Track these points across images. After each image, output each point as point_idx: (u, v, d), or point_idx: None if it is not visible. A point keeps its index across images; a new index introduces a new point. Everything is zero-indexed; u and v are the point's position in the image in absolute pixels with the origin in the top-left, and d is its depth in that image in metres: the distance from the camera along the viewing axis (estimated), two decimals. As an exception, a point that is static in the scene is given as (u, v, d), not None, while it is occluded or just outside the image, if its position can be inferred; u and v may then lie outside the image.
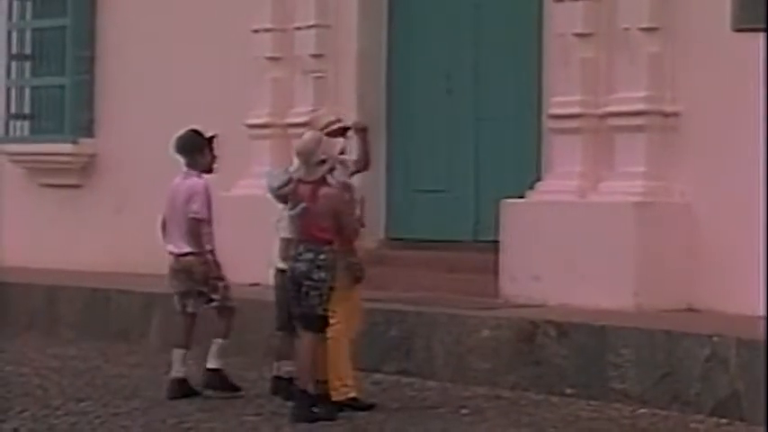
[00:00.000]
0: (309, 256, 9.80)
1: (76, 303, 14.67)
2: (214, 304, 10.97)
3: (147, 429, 9.43)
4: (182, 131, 11.57)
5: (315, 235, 9.85)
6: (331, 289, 9.88)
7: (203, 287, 10.96)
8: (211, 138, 11.30)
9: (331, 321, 9.92)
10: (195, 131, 11.45)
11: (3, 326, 14.78)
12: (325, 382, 9.87)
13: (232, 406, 10.30)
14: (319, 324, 9.84)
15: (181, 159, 11.25)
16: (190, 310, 11.02)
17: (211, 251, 10.99)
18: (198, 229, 10.87)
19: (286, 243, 10.12)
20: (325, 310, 9.86)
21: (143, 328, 13.77)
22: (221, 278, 11.01)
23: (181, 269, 10.99)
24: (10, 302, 15.28)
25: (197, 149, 11.15)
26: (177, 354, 10.91)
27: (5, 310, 15.17)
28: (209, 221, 10.95)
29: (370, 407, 9.93)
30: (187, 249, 10.94)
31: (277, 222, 10.21)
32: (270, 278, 10.76)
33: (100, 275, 15.30)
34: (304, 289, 9.80)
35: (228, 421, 9.76)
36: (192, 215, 10.87)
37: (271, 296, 10.85)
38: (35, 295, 15.13)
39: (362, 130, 10.63)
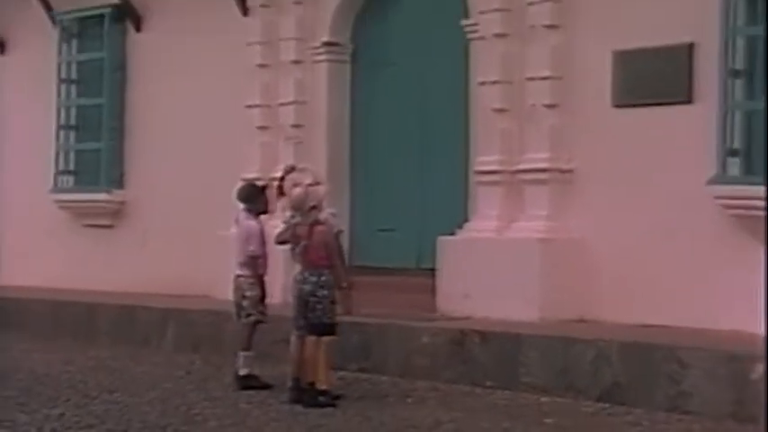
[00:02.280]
0: (313, 279, 9.90)
1: (110, 316, 14.66)
2: (251, 319, 10.95)
3: (163, 414, 9.40)
4: (240, 184, 11.74)
5: (316, 262, 9.95)
6: (332, 303, 9.95)
7: (244, 302, 10.99)
8: (264, 187, 11.42)
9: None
10: (251, 184, 11.69)
11: (53, 334, 14.80)
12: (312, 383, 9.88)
13: (230, 398, 10.28)
14: (326, 330, 9.89)
15: (240, 205, 11.29)
16: (243, 320, 11.05)
17: (262, 276, 11.02)
18: (254, 261, 10.95)
19: None
20: (330, 318, 9.92)
21: (161, 335, 13.76)
22: (261, 300, 11.01)
23: (236, 287, 11.05)
24: (59, 316, 15.30)
25: (252, 198, 11.22)
26: (242, 355, 10.88)
27: (56, 322, 15.19)
28: (263, 255, 10.99)
29: (337, 397, 9.89)
30: (239, 272, 11.02)
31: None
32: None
33: (128, 295, 15.21)
34: (311, 304, 9.87)
35: (227, 408, 9.75)
36: (249, 253, 10.95)
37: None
38: (78, 310, 15.11)
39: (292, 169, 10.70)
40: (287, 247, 10.34)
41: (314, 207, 10.09)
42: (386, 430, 8.90)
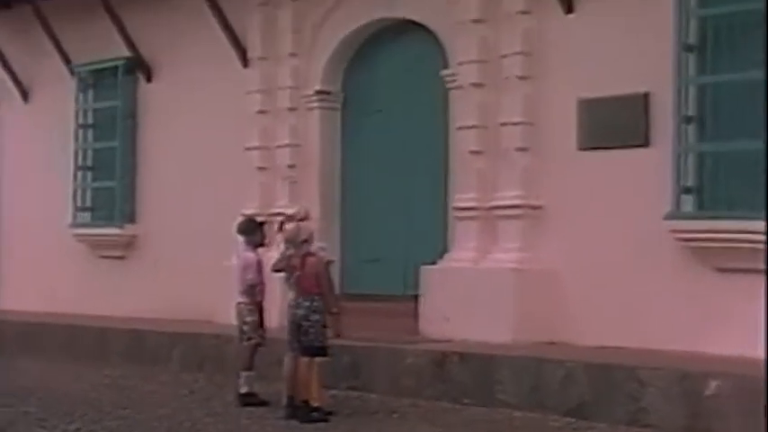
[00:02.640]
0: (306, 304, 9.90)
1: (122, 339, 14.58)
2: (251, 342, 10.92)
3: (170, 430, 9.37)
4: (240, 219, 11.77)
5: (308, 289, 9.95)
6: (323, 327, 9.92)
7: (245, 327, 10.94)
8: (262, 223, 11.41)
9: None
10: (250, 219, 11.69)
11: (69, 355, 14.70)
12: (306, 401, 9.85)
13: (232, 414, 10.25)
14: (318, 352, 9.87)
15: (240, 238, 11.26)
16: (244, 343, 11.00)
17: (260, 302, 10.96)
18: (252, 290, 10.93)
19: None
20: (321, 341, 9.89)
21: (168, 357, 13.68)
22: (260, 324, 10.96)
23: (237, 312, 11.01)
24: (74, 339, 15.22)
25: (251, 231, 11.21)
26: (244, 375, 10.83)
27: (71, 345, 15.10)
28: (260, 283, 10.95)
29: (329, 413, 9.84)
30: (239, 299, 11.00)
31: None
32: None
33: (138, 320, 15.20)
34: (303, 328, 9.87)
35: (229, 423, 9.73)
36: (248, 282, 10.93)
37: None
38: (92, 333, 15.07)
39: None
40: (283, 275, 10.33)
41: (305, 240, 10.17)
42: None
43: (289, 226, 10.34)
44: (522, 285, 11.68)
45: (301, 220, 10.46)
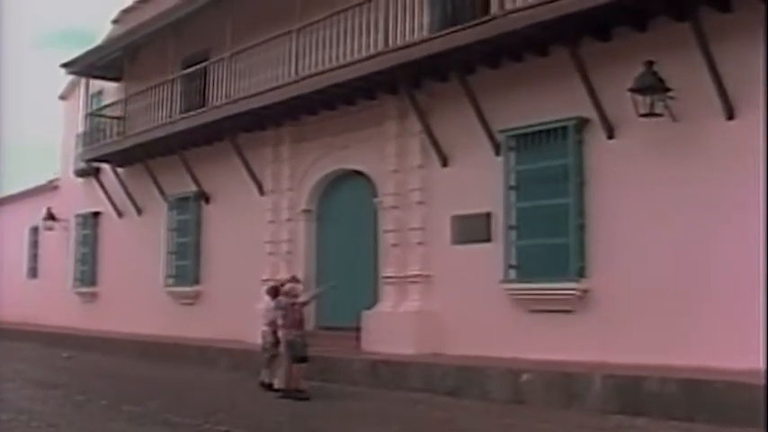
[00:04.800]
0: (294, 332, 9.86)
1: (192, 351, 14.30)
2: (269, 353, 10.65)
3: (220, 402, 9.13)
4: (268, 285, 11.45)
5: (295, 324, 9.92)
6: (305, 345, 9.86)
7: (266, 344, 10.70)
8: (276, 286, 11.01)
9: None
10: (273, 286, 11.17)
11: (161, 359, 14.34)
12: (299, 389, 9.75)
13: (256, 394, 10.06)
14: (301, 359, 9.83)
15: (266, 296, 11.10)
16: (265, 354, 10.76)
17: (276, 331, 10.56)
18: (272, 323, 10.58)
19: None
20: (303, 353, 9.85)
21: (219, 362, 13.40)
22: (277, 343, 10.62)
23: (262, 335, 10.77)
24: (165, 350, 14.88)
25: (273, 292, 10.86)
26: (263, 371, 10.64)
27: (163, 354, 14.74)
28: (283, 317, 10.57)
29: (308, 397, 9.68)
30: (263, 327, 10.74)
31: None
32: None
33: (201, 340, 14.93)
34: (291, 345, 9.82)
35: (254, 398, 9.59)
36: (270, 318, 10.64)
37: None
38: (173, 347, 14.77)
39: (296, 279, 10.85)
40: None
41: (294, 295, 10.15)
42: (336, 412, 8.79)
43: (285, 287, 10.36)
44: (420, 321, 11.61)
45: (294, 282, 10.58)
